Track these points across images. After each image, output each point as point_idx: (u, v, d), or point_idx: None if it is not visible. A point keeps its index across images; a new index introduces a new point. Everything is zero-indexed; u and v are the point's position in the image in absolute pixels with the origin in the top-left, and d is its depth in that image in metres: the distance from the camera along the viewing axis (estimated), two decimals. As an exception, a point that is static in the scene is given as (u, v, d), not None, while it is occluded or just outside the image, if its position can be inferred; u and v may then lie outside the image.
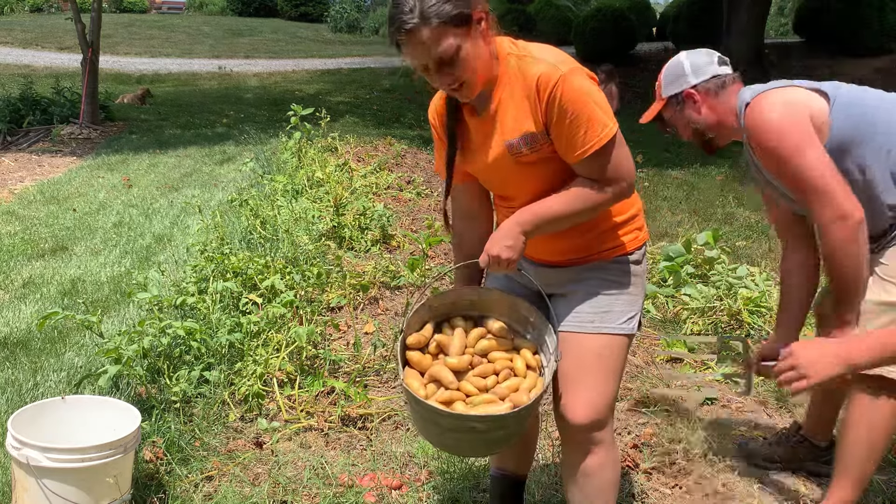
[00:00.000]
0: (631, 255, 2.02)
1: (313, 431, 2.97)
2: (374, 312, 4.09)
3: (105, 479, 2.26)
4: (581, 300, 2.00)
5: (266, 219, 5.14)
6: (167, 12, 29.62)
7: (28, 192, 6.99)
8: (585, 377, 1.98)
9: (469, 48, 1.78)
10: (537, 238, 1.95)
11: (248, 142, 9.30)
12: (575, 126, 1.79)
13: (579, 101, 1.78)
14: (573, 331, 1.99)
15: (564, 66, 1.79)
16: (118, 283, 4.54)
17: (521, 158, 1.89)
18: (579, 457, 2.04)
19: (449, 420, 1.88)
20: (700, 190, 7.64)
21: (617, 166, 1.84)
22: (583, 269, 2.02)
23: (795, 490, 2.72)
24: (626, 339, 2.02)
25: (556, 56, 1.83)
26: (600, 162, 1.82)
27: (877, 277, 2.31)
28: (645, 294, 2.10)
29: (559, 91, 1.77)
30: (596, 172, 1.84)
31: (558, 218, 1.88)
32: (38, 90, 11.08)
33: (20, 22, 23.76)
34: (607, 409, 2.00)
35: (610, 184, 1.84)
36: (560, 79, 1.77)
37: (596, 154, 1.81)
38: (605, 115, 1.81)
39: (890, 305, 2.27)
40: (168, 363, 3.15)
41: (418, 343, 2.04)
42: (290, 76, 17.44)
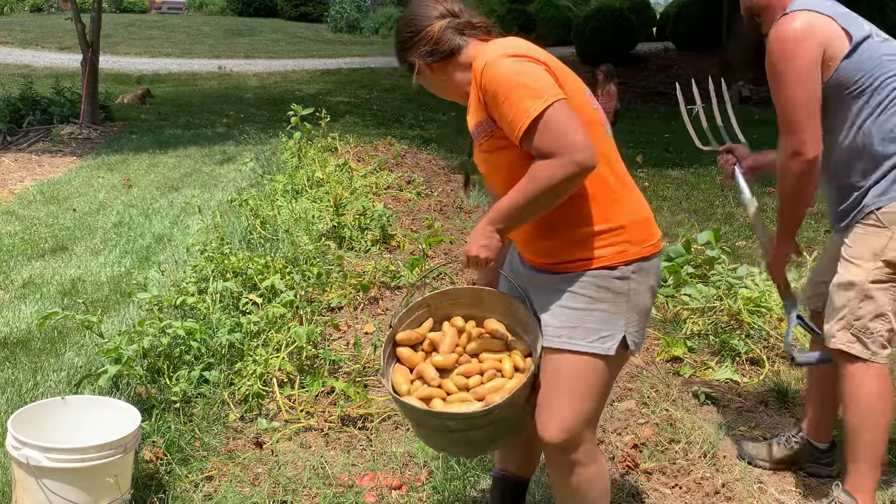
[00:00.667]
0: (613, 270, 1.90)
1: (313, 431, 2.97)
2: (374, 312, 4.09)
3: (105, 479, 2.26)
4: (551, 313, 1.93)
5: (266, 219, 5.14)
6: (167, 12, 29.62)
7: (28, 192, 6.99)
8: (556, 395, 1.92)
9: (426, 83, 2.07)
10: (517, 236, 2.02)
11: (248, 142, 9.30)
12: (505, 108, 1.82)
13: (503, 83, 1.82)
14: (544, 346, 1.93)
15: (495, 54, 1.86)
16: (118, 283, 4.54)
17: (480, 146, 1.98)
18: (559, 475, 2.01)
19: (423, 417, 1.91)
20: (700, 190, 7.63)
21: (558, 139, 1.76)
22: (558, 278, 1.94)
23: (797, 490, 2.72)
24: (600, 361, 1.91)
25: (500, 46, 1.91)
26: (539, 138, 1.78)
27: (842, 259, 2.48)
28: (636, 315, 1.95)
29: (486, 78, 1.85)
30: (539, 148, 1.79)
31: (520, 206, 1.84)
32: (38, 90, 11.08)
33: (20, 22, 23.76)
34: (580, 429, 1.93)
35: (557, 157, 1.76)
36: (485, 66, 1.85)
37: (529, 131, 1.79)
38: (535, 91, 1.79)
39: (849, 284, 2.43)
40: (168, 363, 3.15)
41: (410, 339, 2.06)
42: (290, 76, 17.44)
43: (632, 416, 3.18)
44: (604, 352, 1.90)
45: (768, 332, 3.85)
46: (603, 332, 1.91)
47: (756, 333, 3.87)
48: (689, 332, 3.97)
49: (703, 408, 3.31)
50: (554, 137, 1.77)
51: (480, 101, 1.90)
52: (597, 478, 2.01)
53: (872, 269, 2.40)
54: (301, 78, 17.21)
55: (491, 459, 2.73)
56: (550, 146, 1.77)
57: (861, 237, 2.44)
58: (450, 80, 2.03)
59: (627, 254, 1.92)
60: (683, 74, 17.13)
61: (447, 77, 2.03)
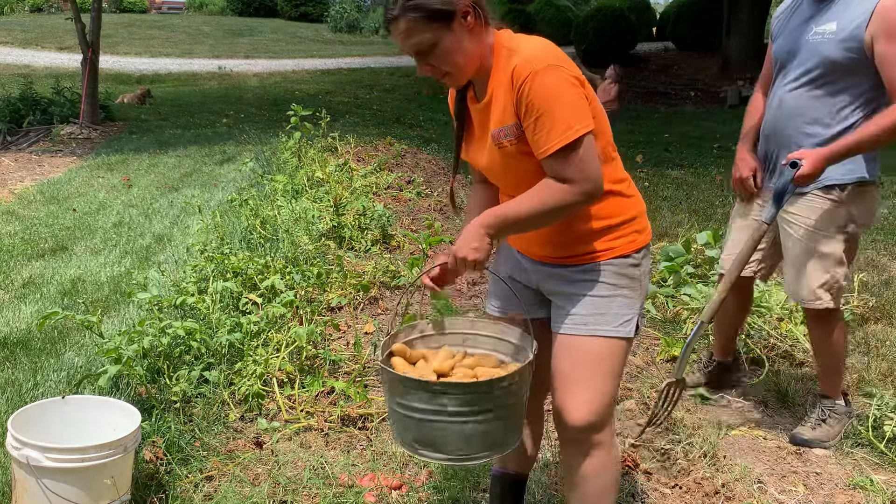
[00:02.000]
0: (628, 258, 2.00)
1: (313, 431, 2.97)
2: (374, 312, 4.09)
3: (105, 479, 2.26)
4: (575, 302, 2.00)
5: (266, 219, 5.14)
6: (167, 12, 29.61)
7: (28, 192, 6.99)
8: (582, 378, 1.98)
9: (449, 42, 1.83)
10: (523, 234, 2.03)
11: (248, 142, 9.30)
12: (540, 123, 1.80)
13: (546, 99, 1.78)
14: (569, 333, 1.99)
15: (540, 63, 1.79)
16: (118, 283, 4.54)
17: (503, 149, 1.92)
18: (578, 459, 2.04)
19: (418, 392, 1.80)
20: (700, 190, 7.63)
21: (581, 168, 1.80)
22: (576, 270, 2.01)
23: (797, 490, 2.73)
24: (624, 343, 2.01)
25: (540, 51, 1.84)
26: (563, 162, 1.80)
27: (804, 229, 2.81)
28: (646, 296, 2.11)
29: (527, 87, 1.79)
30: (559, 172, 1.82)
31: (521, 219, 1.88)
32: (38, 90, 11.08)
33: (20, 22, 23.76)
34: (606, 411, 2.00)
35: (573, 184, 1.81)
36: (530, 75, 1.78)
37: (557, 154, 1.80)
38: (574, 116, 1.79)
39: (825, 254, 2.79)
40: (168, 363, 3.15)
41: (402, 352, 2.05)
42: (290, 76, 17.44)
43: (632, 416, 3.19)
44: (626, 335, 2.00)
45: (768, 332, 3.85)
46: (625, 316, 2.00)
47: (756, 333, 3.87)
48: (689, 332, 3.97)
49: (703, 408, 3.31)
50: (577, 166, 1.81)
51: (513, 104, 1.84)
52: (614, 462, 2.08)
53: (841, 239, 2.78)
54: (301, 78, 17.22)
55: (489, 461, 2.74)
56: (570, 173, 1.81)
57: (820, 210, 2.77)
58: (476, 49, 1.88)
59: (637, 242, 2.02)
60: (683, 74, 17.15)
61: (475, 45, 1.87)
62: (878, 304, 4.26)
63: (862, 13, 2.63)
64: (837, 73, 2.70)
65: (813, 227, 2.79)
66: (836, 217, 2.76)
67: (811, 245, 2.80)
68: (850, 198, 2.75)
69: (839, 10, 2.71)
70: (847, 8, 2.69)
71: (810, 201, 2.79)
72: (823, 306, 2.83)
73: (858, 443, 2.99)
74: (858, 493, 2.68)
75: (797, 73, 2.80)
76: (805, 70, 2.77)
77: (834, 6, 2.73)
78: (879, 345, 3.77)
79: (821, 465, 2.86)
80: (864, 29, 2.61)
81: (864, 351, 3.73)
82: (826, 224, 2.77)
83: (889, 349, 3.72)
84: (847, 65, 2.67)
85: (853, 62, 2.66)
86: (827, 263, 2.79)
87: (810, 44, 2.75)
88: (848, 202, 2.75)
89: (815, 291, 2.82)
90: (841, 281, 2.82)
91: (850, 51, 2.65)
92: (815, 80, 2.75)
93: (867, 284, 4.51)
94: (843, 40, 2.66)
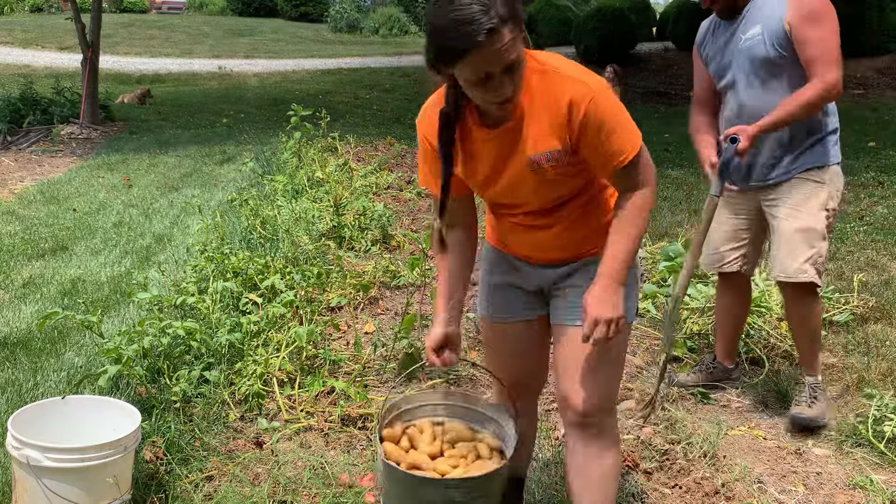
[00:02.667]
0: None
1: (313, 431, 2.97)
2: (374, 312, 4.09)
3: (105, 478, 2.26)
4: (580, 294, 2.00)
5: (266, 219, 5.14)
6: (167, 12, 29.61)
7: (28, 192, 6.99)
8: (593, 367, 2.01)
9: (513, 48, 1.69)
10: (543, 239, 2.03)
11: (248, 142, 9.30)
12: (609, 141, 1.83)
13: (613, 115, 1.83)
14: (576, 324, 2.01)
15: (593, 83, 1.82)
16: (118, 283, 4.54)
17: (542, 174, 1.89)
18: (585, 446, 2.06)
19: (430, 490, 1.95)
20: (700, 190, 7.63)
21: (649, 170, 1.92)
22: (578, 263, 2.05)
23: (797, 490, 2.73)
24: (628, 328, 2.06)
25: (579, 71, 1.85)
26: (636, 168, 1.88)
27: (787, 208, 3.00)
28: (639, 285, 2.20)
29: (592, 110, 1.79)
30: (633, 180, 1.90)
31: (631, 253, 1.93)
32: (38, 90, 11.08)
33: (20, 22, 23.77)
34: (614, 395, 2.09)
35: (647, 186, 1.91)
36: (592, 100, 1.79)
37: (631, 163, 1.86)
38: (633, 126, 1.87)
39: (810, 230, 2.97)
40: (168, 363, 3.15)
41: (392, 437, 2.14)
42: (290, 76, 17.44)
43: (631, 415, 3.19)
44: (630, 320, 2.05)
45: (768, 331, 3.85)
46: (632, 302, 2.06)
47: (756, 333, 3.87)
48: (689, 332, 3.97)
49: (703, 408, 3.31)
50: (647, 169, 1.92)
51: (563, 127, 1.82)
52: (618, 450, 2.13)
53: (824, 216, 2.99)
54: (301, 78, 17.21)
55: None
56: (644, 176, 1.91)
57: (802, 191, 2.98)
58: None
59: None
60: (683, 74, 17.13)
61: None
62: (878, 304, 4.26)
63: (777, 6, 2.88)
64: (776, 67, 2.92)
65: (799, 207, 2.99)
66: (820, 195, 2.99)
67: (798, 223, 2.99)
68: (829, 178, 3.00)
69: (755, 14, 2.95)
70: (762, 9, 2.93)
71: (795, 185, 3.01)
72: (809, 279, 3.00)
73: (858, 443, 2.99)
74: (858, 493, 2.68)
75: (744, 79, 3.01)
76: (747, 73, 2.99)
77: (749, 13, 2.97)
78: (879, 345, 3.77)
79: (821, 465, 2.86)
80: (784, 20, 2.85)
81: (864, 351, 3.73)
82: (811, 202, 2.99)
83: (889, 349, 3.72)
84: (779, 58, 2.90)
85: (783, 54, 2.89)
86: (812, 238, 2.99)
87: (742, 50, 2.98)
88: (828, 182, 3.00)
89: (802, 266, 3.00)
90: (823, 255, 3.04)
91: (778, 46, 2.88)
92: (760, 78, 2.97)
93: (867, 284, 4.51)
94: (769, 38, 2.89)
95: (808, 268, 2.99)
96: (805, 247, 2.99)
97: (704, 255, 3.27)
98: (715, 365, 3.48)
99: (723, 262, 3.27)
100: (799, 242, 2.99)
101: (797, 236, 2.99)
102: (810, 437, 3.07)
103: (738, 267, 3.25)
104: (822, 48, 2.82)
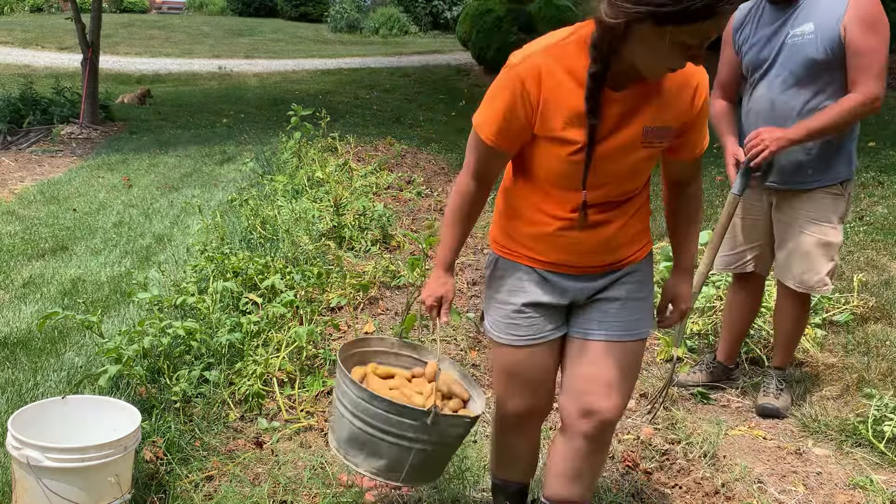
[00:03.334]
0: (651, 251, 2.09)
1: (313, 431, 2.97)
2: (374, 312, 4.09)
3: (105, 478, 2.26)
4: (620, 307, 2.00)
5: (266, 219, 5.14)
6: (167, 12, 29.59)
7: (28, 192, 6.99)
8: (621, 380, 2.00)
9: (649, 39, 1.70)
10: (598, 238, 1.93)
11: (248, 142, 9.29)
12: (705, 127, 1.94)
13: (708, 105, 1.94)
14: (614, 340, 2.00)
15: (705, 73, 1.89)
16: (118, 283, 4.54)
17: (648, 147, 1.87)
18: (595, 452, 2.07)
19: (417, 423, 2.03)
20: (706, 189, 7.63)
21: None
22: (620, 272, 2.01)
23: (797, 490, 2.73)
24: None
25: None
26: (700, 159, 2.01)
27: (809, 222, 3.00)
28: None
29: (707, 96, 1.89)
30: (700, 169, 2.03)
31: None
32: (38, 90, 11.07)
33: (20, 22, 23.75)
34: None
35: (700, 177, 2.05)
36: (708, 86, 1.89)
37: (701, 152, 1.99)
38: None
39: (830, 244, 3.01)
40: (168, 363, 3.15)
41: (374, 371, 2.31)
42: (290, 76, 17.43)
43: (629, 415, 3.19)
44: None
45: (768, 331, 3.85)
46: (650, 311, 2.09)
47: (756, 333, 3.87)
48: (690, 331, 3.97)
49: (703, 408, 3.31)
50: None
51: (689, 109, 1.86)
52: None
53: (840, 228, 3.02)
54: (301, 78, 17.20)
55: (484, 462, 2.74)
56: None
57: (828, 204, 2.98)
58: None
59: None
60: (683, 74, 17.11)
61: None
62: (878, 304, 4.26)
63: (837, 7, 2.77)
64: (819, 70, 2.84)
65: (821, 220, 3.00)
66: (838, 209, 3.01)
67: (821, 237, 3.00)
68: (847, 189, 3.01)
69: (809, 10, 2.83)
70: (818, 5, 2.81)
71: (815, 198, 2.99)
72: (828, 291, 3.09)
73: (858, 443, 2.99)
74: (858, 493, 2.68)
75: (784, 76, 2.92)
76: (790, 72, 2.91)
77: (803, 7, 2.85)
78: (879, 345, 3.77)
79: (821, 465, 2.86)
80: (840, 23, 2.75)
81: (864, 351, 3.73)
82: (831, 216, 3.00)
83: (889, 349, 3.72)
84: (827, 61, 2.82)
85: (833, 57, 2.81)
86: (832, 251, 3.03)
87: (789, 46, 2.88)
88: (845, 195, 3.01)
89: (823, 279, 3.04)
90: (837, 266, 3.11)
91: (829, 48, 2.79)
92: (798, 77, 2.89)
93: (867, 284, 4.51)
94: (822, 39, 2.79)
95: (828, 280, 3.05)
96: (825, 260, 3.02)
97: (718, 257, 3.22)
98: (715, 364, 3.47)
99: (739, 262, 3.25)
100: (820, 256, 3.01)
101: (819, 251, 3.00)
102: (810, 437, 3.08)
103: (752, 268, 3.24)
104: (872, 59, 2.74)
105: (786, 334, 3.25)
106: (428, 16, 25.81)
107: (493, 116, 1.85)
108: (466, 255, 5.09)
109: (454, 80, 16.49)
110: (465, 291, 4.48)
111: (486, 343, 3.79)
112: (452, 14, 24.71)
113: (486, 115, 1.87)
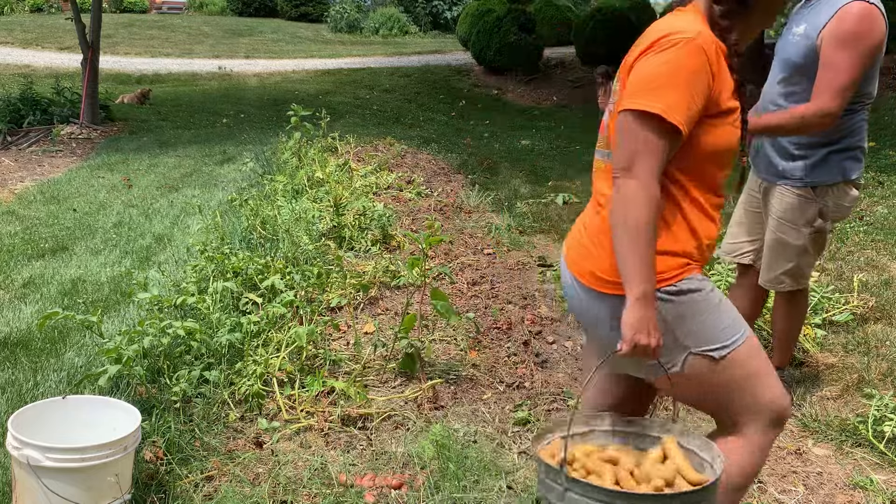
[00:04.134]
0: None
1: (313, 431, 2.97)
2: (374, 312, 4.09)
3: (105, 478, 2.26)
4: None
5: (266, 219, 5.14)
6: (167, 12, 29.58)
7: (28, 192, 6.99)
8: None
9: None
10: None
11: (248, 142, 9.29)
12: None
13: None
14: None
15: None
16: (118, 283, 4.54)
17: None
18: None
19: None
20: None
21: None
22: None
23: (797, 490, 2.73)
24: None
25: None
26: None
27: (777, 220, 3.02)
28: None
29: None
30: None
31: None
32: (38, 90, 11.06)
33: (20, 22, 23.74)
34: None
35: None
36: None
37: None
38: None
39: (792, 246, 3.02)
40: (168, 363, 3.15)
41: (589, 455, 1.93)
42: (290, 76, 17.43)
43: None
44: None
45: (768, 332, 3.85)
46: None
47: (756, 333, 3.87)
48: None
49: (703, 408, 3.31)
50: None
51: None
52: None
53: (807, 232, 2.99)
54: (301, 78, 17.20)
55: (492, 459, 2.74)
56: None
57: (792, 204, 2.98)
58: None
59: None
60: (683, 74, 17.11)
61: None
62: (878, 304, 4.26)
63: (825, 16, 2.77)
64: (795, 72, 2.89)
65: (783, 219, 3.02)
66: (806, 211, 2.98)
67: (780, 235, 3.04)
68: (820, 195, 2.95)
69: (814, 13, 2.85)
70: (818, 12, 2.83)
71: (782, 195, 3.02)
72: (786, 289, 3.12)
73: (858, 443, 2.99)
74: (858, 493, 2.68)
75: (777, 68, 3.01)
76: (779, 66, 2.99)
77: (813, 7, 2.87)
78: (879, 345, 3.77)
79: (821, 465, 2.86)
80: (819, 33, 2.77)
81: (864, 351, 3.73)
82: (796, 217, 3.00)
83: (889, 349, 3.72)
84: (803, 66, 2.85)
85: (806, 63, 2.84)
86: (791, 253, 3.03)
87: (786, 41, 2.95)
88: (819, 199, 2.96)
89: (779, 277, 3.09)
90: (804, 269, 3.08)
91: (806, 55, 2.85)
92: (783, 77, 2.96)
93: (867, 284, 4.51)
94: (804, 44, 2.83)
95: (784, 279, 3.09)
96: (783, 261, 3.06)
97: (723, 243, 3.33)
98: None
99: (738, 252, 3.31)
100: (777, 255, 3.07)
101: (776, 248, 3.06)
102: (810, 437, 3.07)
103: (749, 260, 3.28)
104: (836, 75, 2.73)
105: (780, 333, 3.30)
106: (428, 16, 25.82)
107: (681, 97, 1.62)
108: (466, 255, 5.09)
109: (454, 80, 16.50)
110: (465, 292, 4.48)
111: (486, 343, 3.78)
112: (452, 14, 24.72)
113: (672, 97, 1.61)
